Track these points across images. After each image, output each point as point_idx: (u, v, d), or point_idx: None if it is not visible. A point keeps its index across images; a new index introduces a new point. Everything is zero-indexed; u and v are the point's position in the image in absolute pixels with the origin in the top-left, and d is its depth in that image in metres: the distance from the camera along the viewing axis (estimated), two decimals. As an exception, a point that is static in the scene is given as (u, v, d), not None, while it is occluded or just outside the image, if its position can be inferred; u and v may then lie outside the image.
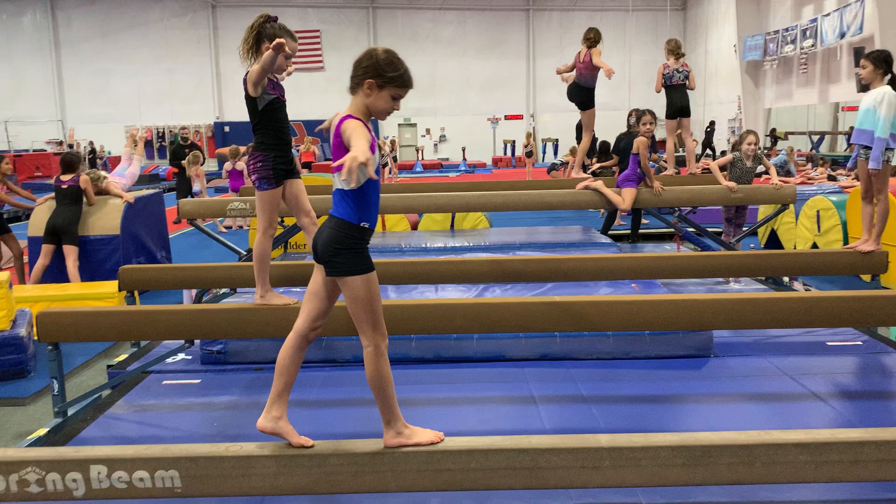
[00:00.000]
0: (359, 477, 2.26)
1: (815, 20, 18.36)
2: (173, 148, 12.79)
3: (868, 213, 4.58)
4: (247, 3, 26.97)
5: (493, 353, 4.13)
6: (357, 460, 2.25)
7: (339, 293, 2.36)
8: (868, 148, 4.48)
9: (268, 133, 3.25)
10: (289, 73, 3.47)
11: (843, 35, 16.87)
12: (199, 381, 3.94)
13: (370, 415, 3.41)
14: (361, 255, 2.26)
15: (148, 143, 26.38)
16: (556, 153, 23.79)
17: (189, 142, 12.79)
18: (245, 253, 6.25)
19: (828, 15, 17.70)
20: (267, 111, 3.24)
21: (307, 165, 15.80)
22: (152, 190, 7.94)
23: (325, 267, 2.28)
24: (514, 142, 25.69)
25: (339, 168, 2.17)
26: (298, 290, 4.99)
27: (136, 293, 4.96)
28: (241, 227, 11.41)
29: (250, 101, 3.25)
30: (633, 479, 2.29)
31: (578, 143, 7.95)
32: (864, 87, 4.63)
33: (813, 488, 2.52)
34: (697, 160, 12.07)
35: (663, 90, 7.01)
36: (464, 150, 24.42)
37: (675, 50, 7.12)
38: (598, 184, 5.81)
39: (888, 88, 4.46)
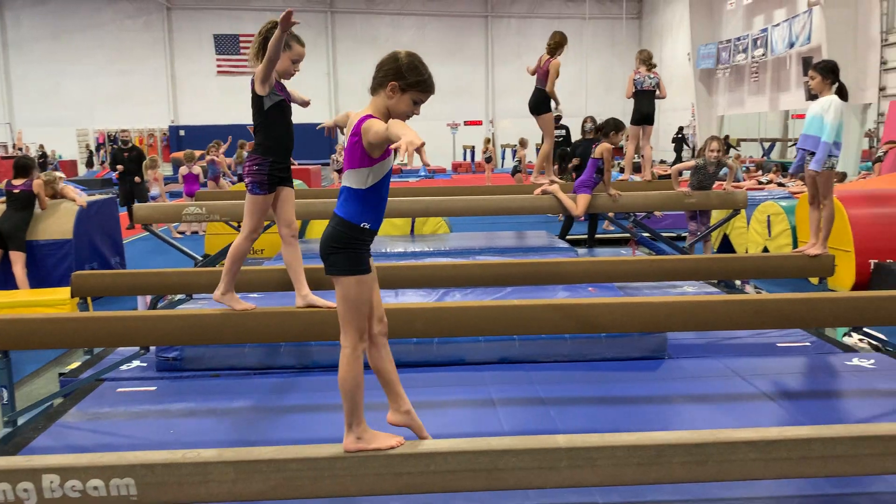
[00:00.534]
0: (318, 482, 2.26)
1: (765, 30, 18.85)
2: (113, 151, 12.45)
3: (815, 218, 4.72)
4: (203, 6, 26.67)
5: (453, 358, 4.15)
6: (317, 465, 2.24)
7: (376, 281, 2.38)
8: (813, 153, 4.62)
9: (269, 136, 3.22)
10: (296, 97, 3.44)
11: (792, 45, 17.35)
12: (154, 388, 3.88)
13: (333, 420, 3.40)
14: (359, 256, 2.26)
15: (100, 147, 25.88)
16: (514, 157, 23.96)
17: (130, 145, 12.18)
18: (201, 259, 6.17)
19: (777, 25, 18.19)
20: (272, 112, 3.22)
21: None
22: (106, 195, 7.80)
23: (324, 265, 2.28)
24: (473, 147, 25.82)
25: (351, 167, 2.21)
26: (255, 296, 4.95)
27: (89, 300, 4.86)
28: (195, 232, 11.27)
29: (256, 101, 3.21)
30: (589, 478, 2.33)
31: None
32: (812, 96, 4.78)
33: (763, 485, 2.59)
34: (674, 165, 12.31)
35: (633, 97, 7.14)
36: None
37: (647, 60, 7.26)
38: (554, 188, 5.88)
39: (835, 97, 4.61)
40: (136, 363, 4.26)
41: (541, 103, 6.78)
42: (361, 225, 2.25)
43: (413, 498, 2.50)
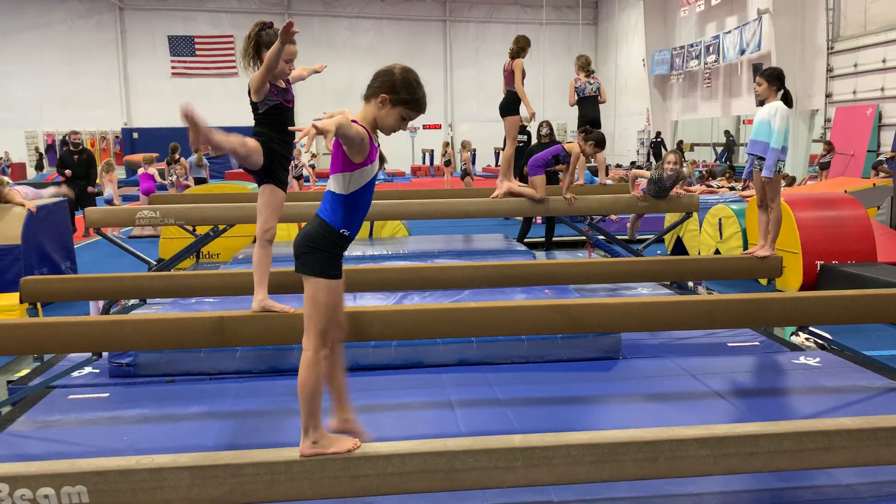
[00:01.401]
0: (274, 486, 2.25)
1: (717, 37, 19.29)
2: (61, 154, 11.81)
3: (763, 220, 4.85)
4: (155, 7, 26.25)
5: (410, 360, 4.17)
6: (272, 469, 2.23)
7: (342, 287, 2.37)
8: (762, 158, 4.75)
9: (274, 138, 3.24)
10: (293, 75, 3.43)
11: (743, 51, 17.79)
12: (107, 394, 3.81)
13: (291, 424, 3.39)
14: (333, 261, 2.27)
15: (50, 149, 25.26)
16: (473, 162, 24.05)
17: (80, 147, 11.53)
18: (155, 263, 6.08)
19: (729, 32, 18.64)
20: (269, 115, 3.22)
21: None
22: (56, 198, 7.62)
23: (296, 263, 2.26)
24: (432, 151, 25.86)
25: (333, 171, 2.21)
26: (211, 300, 4.90)
27: (38, 305, 4.76)
28: (149, 235, 11.06)
29: (253, 107, 3.23)
30: (545, 477, 2.37)
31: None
32: (761, 102, 4.91)
33: (713, 480, 2.66)
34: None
35: (577, 104, 7.23)
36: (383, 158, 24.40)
37: (584, 66, 7.35)
38: (509, 185, 5.93)
39: (780, 103, 4.75)
40: (87, 369, 4.18)
41: (510, 104, 6.78)
42: (340, 231, 2.25)
43: (371, 500, 2.51)
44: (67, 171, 10.93)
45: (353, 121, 2.18)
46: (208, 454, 2.29)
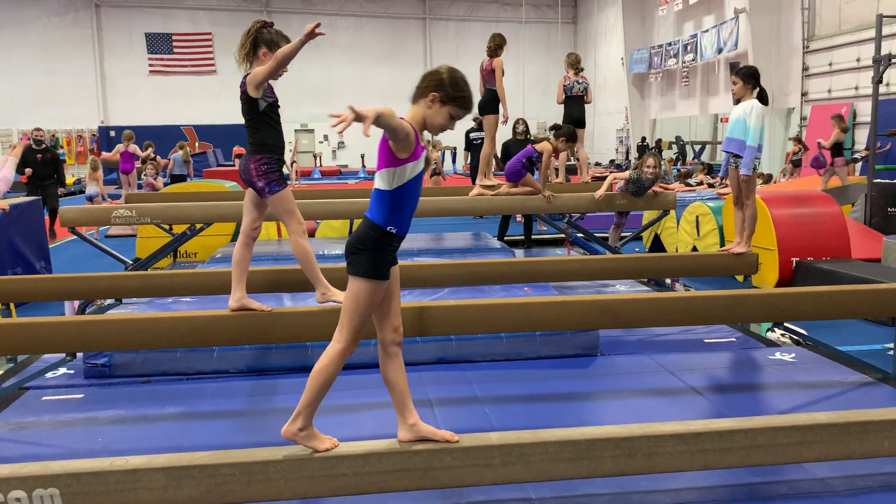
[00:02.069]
0: (251, 486, 2.23)
1: (695, 36, 19.44)
2: (24, 152, 11.34)
3: (740, 218, 4.90)
4: (132, 4, 25.95)
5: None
6: (249, 469, 2.22)
7: (397, 290, 2.37)
8: (738, 156, 4.79)
9: (269, 134, 3.22)
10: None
11: (720, 50, 17.95)
12: (82, 395, 3.77)
13: (267, 424, 3.37)
14: (380, 261, 2.24)
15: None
16: (454, 161, 24.08)
17: (43, 146, 10.84)
18: (132, 262, 6.02)
19: (706, 31, 18.79)
20: (267, 113, 3.21)
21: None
22: (31, 197, 7.52)
23: (347, 263, 2.27)
24: (412, 149, 25.79)
25: (379, 167, 2.22)
26: (188, 299, 4.86)
27: (12, 305, 4.70)
28: (127, 234, 10.92)
29: (250, 103, 3.19)
30: (523, 474, 2.37)
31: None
32: (738, 101, 4.95)
33: (689, 476, 2.68)
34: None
35: (563, 103, 7.25)
36: (363, 156, 24.34)
37: (574, 64, 7.37)
38: (505, 188, 5.95)
39: (756, 101, 4.80)
40: (62, 370, 4.13)
41: (489, 102, 6.78)
42: (387, 228, 2.24)
43: (349, 499, 2.50)
44: (28, 170, 10.21)
45: (402, 118, 2.21)
46: (183, 455, 2.27)
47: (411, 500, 2.60)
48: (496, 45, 6.62)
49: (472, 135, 10.73)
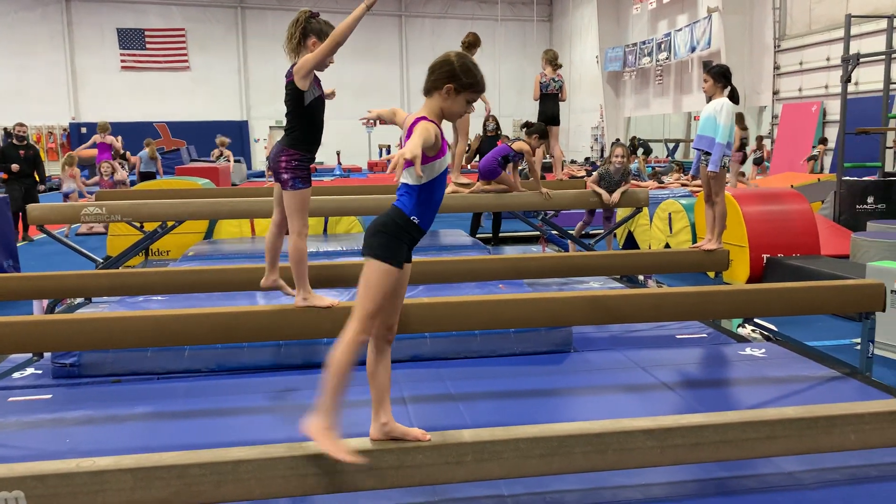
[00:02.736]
0: (221, 486, 2.21)
1: (668, 34, 19.61)
2: (2, 148, 10.58)
3: (710, 215, 4.95)
4: (104, -2, 25.59)
5: (363, 357, 4.13)
6: (219, 469, 2.20)
7: (405, 288, 2.38)
8: (709, 154, 4.84)
9: (308, 130, 3.17)
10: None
11: (693, 49, 18.11)
12: (49, 395, 3.70)
13: (239, 424, 3.35)
14: (397, 246, 2.25)
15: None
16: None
17: (26, 142, 10.35)
18: (102, 261, 5.94)
19: (680, 30, 18.96)
20: (311, 108, 3.15)
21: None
22: (3, 194, 7.39)
23: (363, 245, 2.27)
24: (389, 146, 25.76)
25: (409, 164, 2.18)
26: (159, 298, 4.80)
27: (-23, 305, 4.61)
28: (98, 232, 10.78)
29: (295, 95, 3.11)
30: (495, 471, 2.37)
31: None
32: (709, 99, 5.00)
33: (659, 471, 2.70)
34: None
35: (539, 100, 7.26)
36: (338, 153, 24.23)
37: (552, 60, 7.39)
38: (479, 185, 5.95)
39: (726, 100, 4.85)
40: (29, 370, 4.06)
41: None
42: (412, 218, 2.27)
43: (319, 498, 2.49)
44: (14, 166, 9.87)
45: (424, 117, 2.26)
46: (152, 455, 2.24)
47: (384, 498, 2.59)
48: (469, 43, 6.61)
49: None
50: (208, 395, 3.70)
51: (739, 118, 11.67)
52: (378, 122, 2.76)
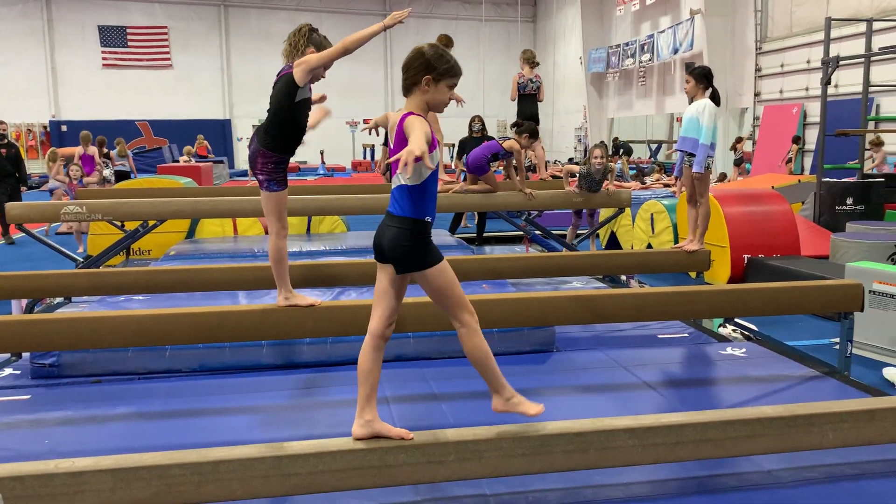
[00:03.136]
0: (202, 486, 2.20)
1: (651, 36, 19.72)
2: None
3: (693, 215, 4.99)
4: (85, -5, 25.35)
5: (346, 357, 4.13)
6: (200, 469, 2.18)
7: (406, 289, 2.41)
8: (692, 154, 4.87)
9: (287, 129, 3.16)
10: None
11: (676, 51, 18.23)
12: (28, 396, 3.67)
13: (221, 423, 3.33)
14: (429, 248, 2.31)
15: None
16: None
17: (7, 140, 10.16)
18: (82, 260, 5.89)
19: (663, 32, 19.07)
20: (298, 106, 3.14)
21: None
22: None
23: (397, 266, 2.31)
24: (373, 146, 25.71)
25: (396, 168, 2.24)
26: (141, 297, 4.77)
27: (-45, 305, 4.55)
28: (71, 230, 10.56)
29: (289, 90, 3.09)
30: (477, 470, 2.38)
31: None
32: (692, 100, 5.03)
33: (640, 470, 2.71)
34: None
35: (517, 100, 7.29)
36: (322, 153, 24.17)
37: (530, 60, 7.41)
38: (460, 186, 5.96)
39: (709, 101, 4.88)
40: (7, 371, 4.02)
41: None
42: (425, 219, 2.31)
43: (301, 498, 2.48)
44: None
45: (411, 113, 2.30)
46: (132, 456, 2.22)
47: (366, 497, 2.59)
48: (443, 46, 6.61)
49: None
50: (190, 396, 3.67)
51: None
52: (377, 129, 2.79)
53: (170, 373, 3.99)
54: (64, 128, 24.83)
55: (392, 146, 2.35)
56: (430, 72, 2.31)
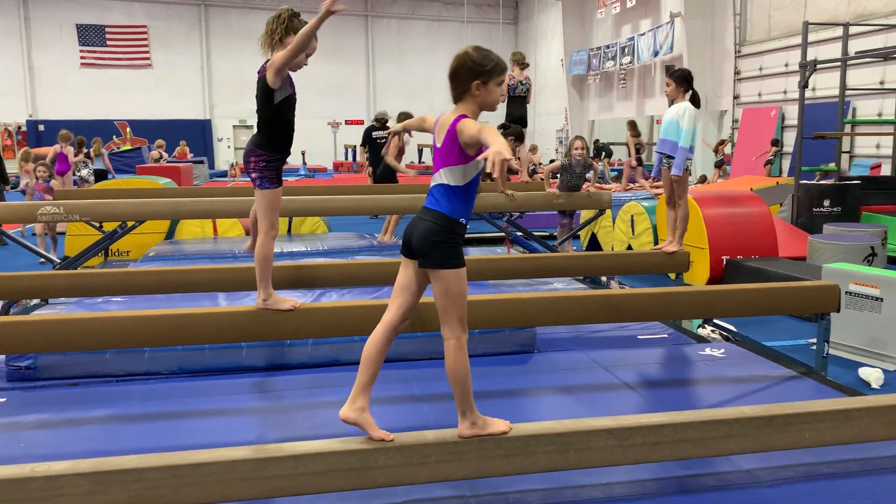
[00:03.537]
0: (181, 489, 2.18)
1: (632, 39, 19.84)
2: None
3: (672, 217, 5.02)
4: (63, -7, 25.07)
5: (327, 359, 4.12)
6: (178, 472, 2.17)
7: (427, 286, 2.40)
8: (671, 157, 4.91)
9: (276, 130, 3.13)
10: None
11: (656, 53, 18.36)
12: (4, 399, 3.62)
13: (199, 426, 3.30)
14: (457, 250, 2.31)
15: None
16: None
17: None
18: (59, 261, 5.82)
19: (643, 34, 19.19)
20: (281, 106, 3.11)
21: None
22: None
23: (420, 259, 2.31)
24: (355, 147, 25.64)
25: (447, 164, 2.25)
26: (119, 299, 4.72)
27: (-71, 307, 4.48)
28: (48, 233, 10.41)
29: (266, 94, 3.07)
30: (458, 472, 2.39)
31: None
32: (671, 103, 5.07)
33: (620, 470, 2.72)
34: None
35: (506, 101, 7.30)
36: (303, 153, 24.07)
37: (520, 61, 7.43)
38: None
39: (689, 104, 4.92)
40: (-18, 374, 3.96)
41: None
42: (460, 220, 2.31)
43: (281, 501, 2.47)
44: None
45: (464, 115, 2.30)
46: (110, 459, 2.20)
47: (347, 500, 2.58)
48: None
49: (375, 133, 10.63)
50: (169, 398, 3.64)
51: (632, 125, 12.05)
52: (409, 133, 2.80)
53: (148, 375, 3.96)
54: (41, 127, 24.53)
55: (438, 147, 2.34)
56: (479, 77, 2.32)
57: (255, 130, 3.25)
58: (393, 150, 8.12)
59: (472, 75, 2.32)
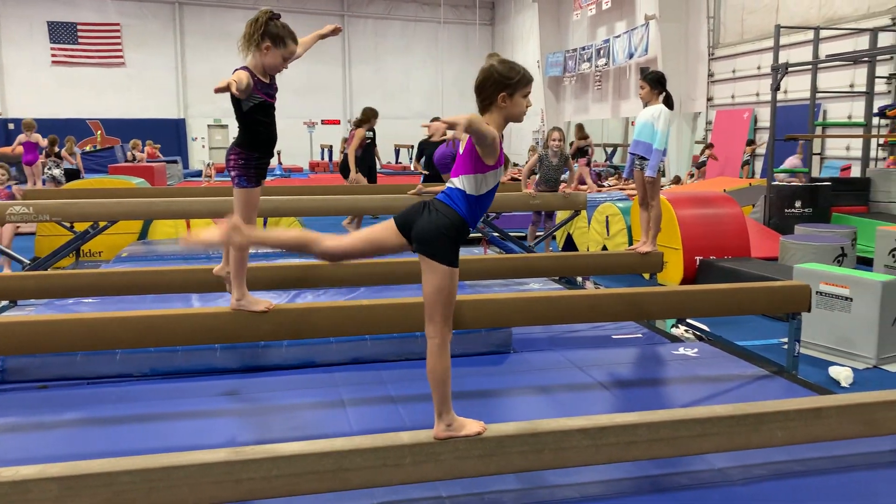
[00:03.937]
0: (152, 494, 2.16)
1: (607, 41, 19.98)
2: None
3: (645, 218, 5.06)
4: (33, -9, 24.67)
5: (302, 360, 4.10)
6: (149, 476, 2.14)
7: (388, 255, 2.42)
8: (644, 158, 4.95)
9: (250, 134, 3.11)
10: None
11: (631, 55, 18.50)
12: (-29, 403, 3.55)
13: (172, 429, 3.27)
14: (455, 247, 2.31)
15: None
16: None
17: None
18: (29, 262, 5.73)
19: (618, 37, 19.33)
20: (254, 112, 3.08)
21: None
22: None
23: (421, 246, 2.28)
24: (331, 146, 25.54)
25: (465, 172, 2.29)
26: (90, 300, 4.66)
27: None
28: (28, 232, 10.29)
29: (234, 101, 3.05)
30: (433, 473, 2.39)
31: None
32: (646, 104, 5.10)
33: (594, 469, 2.74)
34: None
35: None
36: (279, 153, 23.90)
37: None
38: (422, 187, 5.97)
39: (663, 106, 4.96)
40: (-51, 377, 3.88)
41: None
42: (468, 225, 2.33)
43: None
44: None
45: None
46: (79, 463, 2.17)
47: (321, 501, 2.56)
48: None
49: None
50: (141, 401, 3.60)
51: (579, 128, 12.19)
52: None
53: (120, 377, 3.91)
54: (11, 126, 24.08)
55: (460, 153, 2.35)
56: (505, 89, 2.32)
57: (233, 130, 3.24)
58: (355, 142, 8.09)
59: (498, 88, 2.33)
